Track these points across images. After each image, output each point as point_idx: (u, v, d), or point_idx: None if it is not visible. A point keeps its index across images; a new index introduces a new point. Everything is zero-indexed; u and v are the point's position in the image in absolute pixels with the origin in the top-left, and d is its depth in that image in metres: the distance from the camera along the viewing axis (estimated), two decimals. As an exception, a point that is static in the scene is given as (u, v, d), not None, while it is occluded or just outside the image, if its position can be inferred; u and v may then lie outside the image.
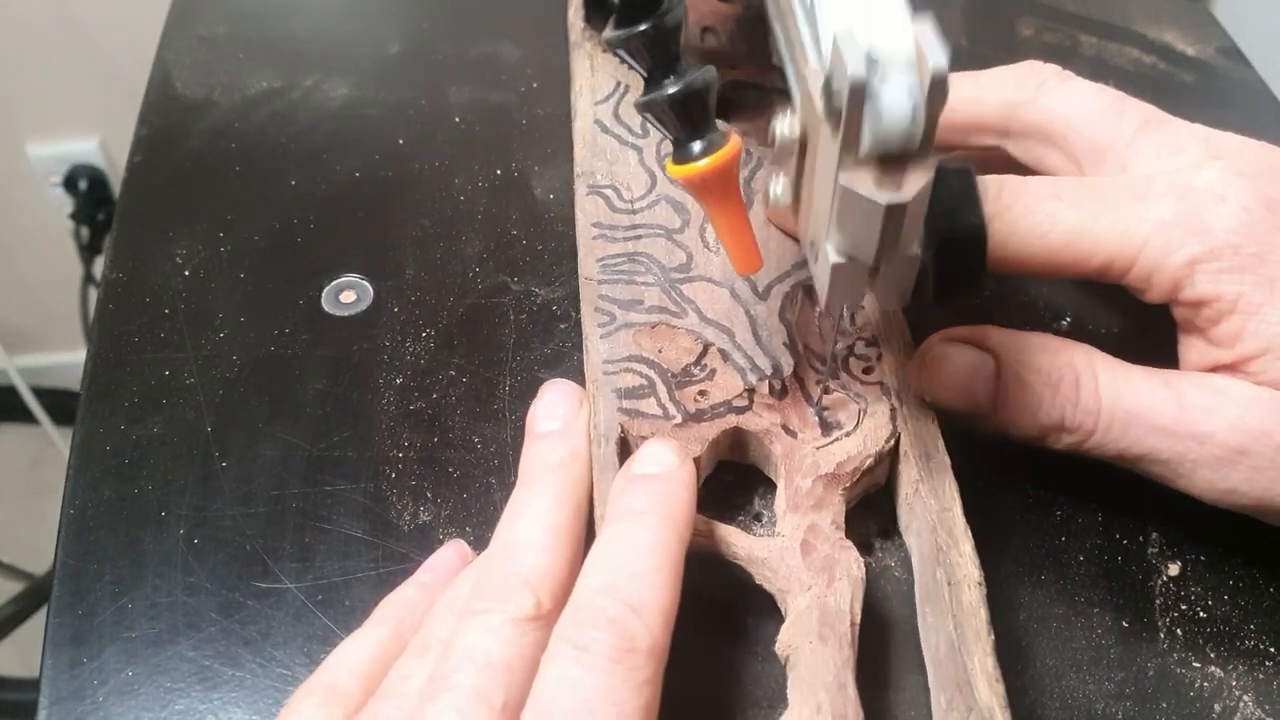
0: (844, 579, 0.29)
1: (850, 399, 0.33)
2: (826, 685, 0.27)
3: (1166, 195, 0.31)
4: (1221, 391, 0.30)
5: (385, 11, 0.54)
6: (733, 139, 0.30)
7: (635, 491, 0.29)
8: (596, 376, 0.33)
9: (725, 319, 0.35)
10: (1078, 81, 0.35)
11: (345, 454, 0.35)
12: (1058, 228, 0.31)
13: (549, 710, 0.24)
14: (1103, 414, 0.31)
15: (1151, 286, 0.31)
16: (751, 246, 0.32)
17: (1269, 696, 0.30)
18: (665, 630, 0.25)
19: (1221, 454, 0.29)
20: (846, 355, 0.34)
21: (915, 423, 0.32)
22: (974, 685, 0.26)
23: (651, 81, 0.30)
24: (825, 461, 0.31)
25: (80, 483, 0.35)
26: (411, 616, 0.29)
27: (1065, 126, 0.34)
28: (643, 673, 0.24)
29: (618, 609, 0.25)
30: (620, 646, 0.24)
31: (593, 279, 0.36)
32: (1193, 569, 0.33)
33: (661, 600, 0.26)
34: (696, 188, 0.31)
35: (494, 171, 0.45)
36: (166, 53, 0.51)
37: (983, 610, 0.28)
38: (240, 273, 0.41)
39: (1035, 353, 0.32)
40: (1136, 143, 0.33)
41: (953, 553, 0.29)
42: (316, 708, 0.26)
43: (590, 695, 0.24)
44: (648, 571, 0.26)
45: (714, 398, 0.33)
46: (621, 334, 0.35)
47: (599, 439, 0.32)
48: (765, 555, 0.30)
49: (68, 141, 1.11)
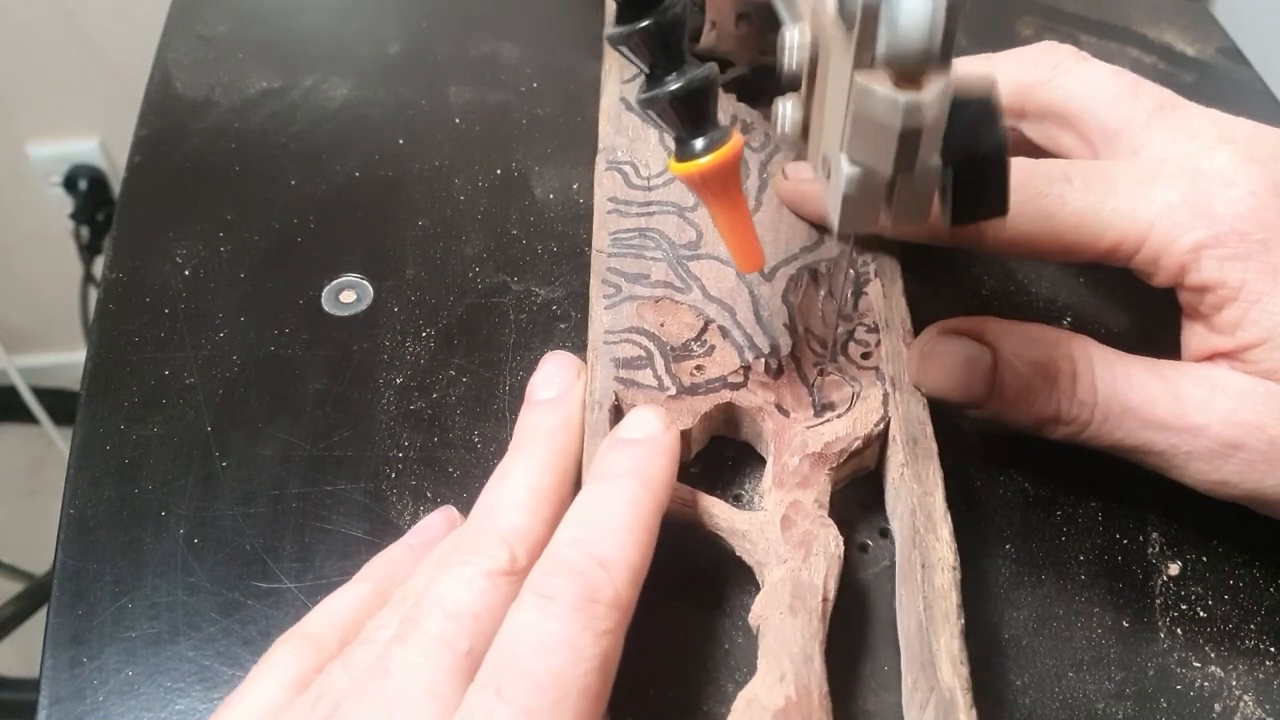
0: (820, 555, 0.29)
1: (846, 382, 0.33)
2: (792, 656, 0.27)
3: (1175, 179, 0.31)
4: (1216, 385, 0.30)
5: (385, 11, 0.54)
6: (735, 136, 0.30)
7: (616, 454, 0.29)
8: (597, 345, 0.34)
9: (729, 297, 0.35)
10: (1094, 63, 0.35)
11: (345, 454, 0.35)
12: (1066, 209, 0.31)
13: (507, 651, 0.24)
14: (1098, 407, 0.31)
15: (1158, 270, 0.31)
16: (753, 244, 0.32)
17: (1269, 696, 0.30)
18: (631, 587, 0.26)
19: (1215, 447, 0.30)
20: (846, 340, 0.34)
21: (906, 408, 0.32)
22: (938, 665, 0.27)
23: (653, 78, 0.30)
24: (814, 441, 0.32)
25: (80, 483, 0.35)
26: (395, 575, 0.30)
27: (1080, 109, 0.34)
28: (603, 623, 0.25)
29: (585, 562, 0.26)
30: (583, 596, 0.25)
31: (603, 251, 0.37)
32: (1193, 569, 0.33)
33: (630, 557, 0.26)
34: (698, 185, 0.31)
35: (494, 171, 0.45)
36: (166, 53, 0.51)
37: (954, 594, 0.28)
38: (240, 273, 0.41)
39: (1032, 345, 0.32)
40: (1150, 126, 0.33)
41: (930, 536, 0.29)
42: (291, 654, 0.27)
43: (548, 639, 0.24)
44: (618, 529, 0.27)
45: (710, 373, 0.33)
46: (625, 306, 0.35)
47: (593, 405, 0.32)
48: (746, 528, 0.30)
49: (68, 141, 1.11)
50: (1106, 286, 0.40)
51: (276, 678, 0.26)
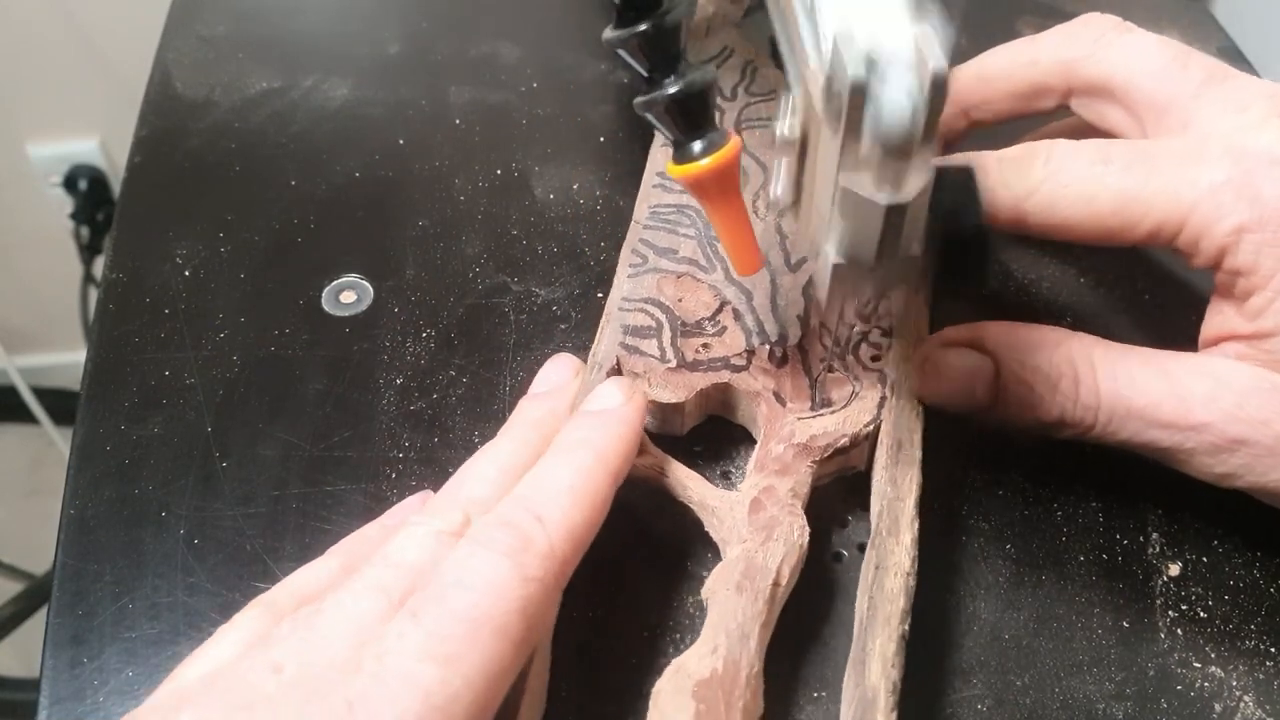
0: (780, 540, 0.29)
1: (848, 380, 0.33)
2: (729, 631, 0.27)
3: (1221, 158, 0.30)
4: (1220, 379, 0.30)
5: (385, 11, 0.54)
6: (733, 139, 0.30)
7: (574, 425, 0.30)
8: (611, 310, 0.35)
9: (749, 282, 0.36)
10: (1138, 33, 0.34)
11: (345, 454, 0.35)
12: (1106, 192, 0.30)
13: (433, 583, 0.25)
14: (1101, 410, 0.31)
15: (1199, 252, 0.30)
16: (752, 247, 0.32)
17: (1269, 696, 0.30)
18: (568, 544, 0.26)
19: (1219, 442, 0.29)
20: (859, 341, 0.34)
21: (899, 414, 0.32)
22: (867, 664, 0.27)
23: (651, 82, 0.30)
24: (801, 432, 0.32)
25: (80, 483, 0.35)
26: (364, 552, 0.30)
27: (1126, 82, 0.33)
28: (532, 570, 0.25)
29: (522, 515, 0.26)
30: (515, 545, 0.25)
31: (639, 222, 0.38)
32: (1193, 569, 0.33)
33: (570, 518, 0.26)
34: (696, 188, 0.31)
35: (494, 171, 0.45)
36: (166, 53, 0.51)
37: (902, 599, 0.28)
38: (240, 273, 0.41)
39: (1033, 351, 0.31)
40: (1200, 98, 0.32)
41: (890, 539, 0.29)
42: (252, 619, 0.27)
43: (472, 575, 0.24)
44: (561, 492, 0.27)
45: (715, 352, 0.34)
46: (648, 277, 0.36)
47: (594, 365, 0.33)
48: (715, 504, 0.31)
49: (68, 141, 1.11)
50: (1107, 286, 0.40)
51: (233, 639, 0.26)
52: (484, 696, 0.23)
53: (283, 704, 0.22)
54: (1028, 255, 0.41)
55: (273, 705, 0.22)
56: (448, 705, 0.22)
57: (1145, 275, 0.41)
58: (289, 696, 0.23)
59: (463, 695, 0.23)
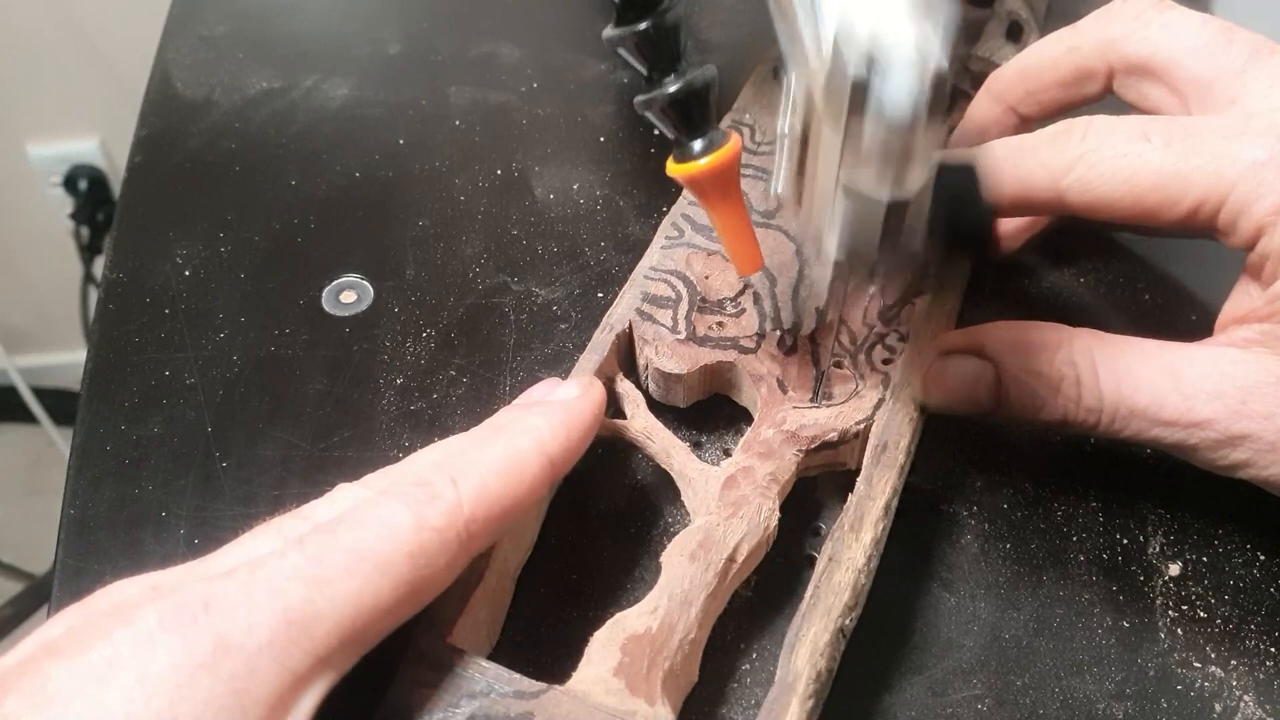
0: (744, 519, 0.30)
1: (854, 379, 0.33)
2: (673, 595, 0.28)
3: (1265, 135, 0.29)
4: (1224, 374, 0.29)
5: (385, 11, 0.54)
6: (733, 138, 0.30)
7: (520, 410, 0.30)
8: (636, 277, 0.36)
9: (777, 269, 0.36)
10: (1178, 10, 0.33)
11: (345, 454, 0.35)
12: (1145, 169, 0.29)
13: (328, 518, 0.25)
14: (1105, 411, 0.30)
15: (1236, 232, 0.29)
16: (752, 247, 0.32)
17: (1270, 696, 0.30)
18: (480, 509, 0.26)
19: (1223, 438, 0.29)
20: (875, 342, 0.34)
21: (891, 417, 0.32)
22: (795, 649, 0.27)
23: (651, 80, 0.30)
24: (792, 420, 0.32)
25: (80, 483, 0.35)
26: None
27: (1169, 60, 0.32)
28: (432, 519, 0.25)
29: (437, 476, 0.26)
30: (420, 497, 0.25)
31: (687, 197, 0.38)
32: (1193, 569, 0.33)
33: (488, 487, 0.26)
34: (695, 187, 0.31)
35: (494, 171, 0.45)
36: (166, 53, 0.51)
37: (847, 594, 0.28)
38: (240, 273, 0.41)
39: (1034, 354, 0.31)
40: (1246, 74, 0.31)
41: (850, 535, 0.29)
42: None
43: (367, 515, 0.25)
44: (484, 463, 0.27)
45: (727, 331, 0.34)
46: (679, 250, 0.37)
47: (606, 325, 0.34)
48: (693, 476, 0.31)
49: (68, 141, 1.11)
50: (1107, 286, 0.40)
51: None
52: (352, 625, 0.23)
53: (144, 605, 0.22)
54: (1028, 255, 0.41)
55: (133, 607, 0.22)
56: (306, 622, 0.22)
57: (1145, 275, 0.41)
58: (151, 598, 0.22)
59: (325, 617, 0.23)
